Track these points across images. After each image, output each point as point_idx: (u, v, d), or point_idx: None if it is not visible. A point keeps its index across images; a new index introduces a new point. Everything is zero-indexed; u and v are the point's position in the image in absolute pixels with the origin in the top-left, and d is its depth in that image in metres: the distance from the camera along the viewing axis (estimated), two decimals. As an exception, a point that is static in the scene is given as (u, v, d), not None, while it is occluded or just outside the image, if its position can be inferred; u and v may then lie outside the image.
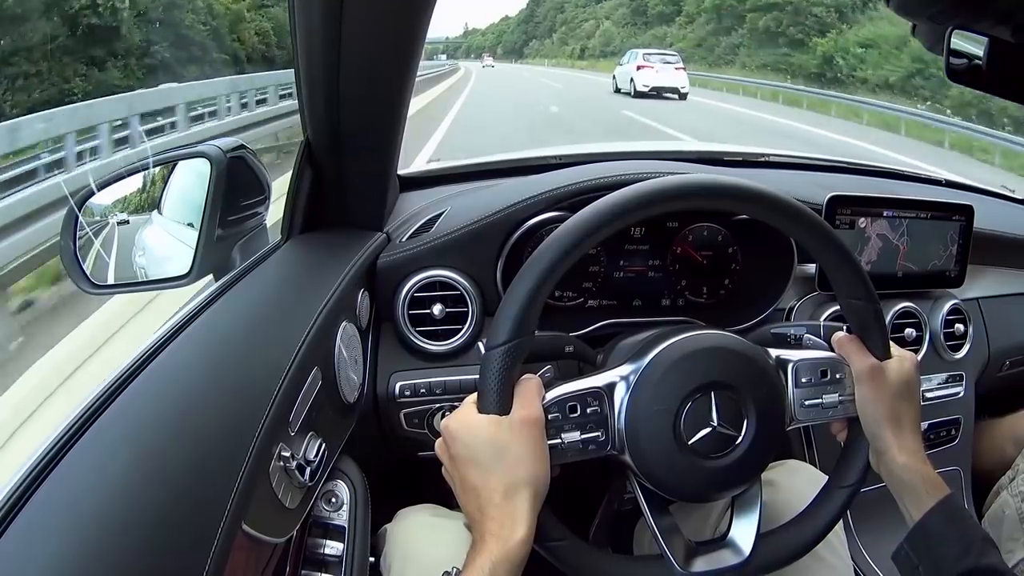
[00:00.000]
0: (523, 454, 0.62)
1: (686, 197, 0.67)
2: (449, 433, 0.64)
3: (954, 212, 1.17)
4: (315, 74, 0.80)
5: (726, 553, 0.69)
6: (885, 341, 0.74)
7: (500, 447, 0.61)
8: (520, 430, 0.62)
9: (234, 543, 0.50)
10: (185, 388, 0.59)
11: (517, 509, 0.60)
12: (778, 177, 1.31)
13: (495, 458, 0.61)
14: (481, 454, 0.62)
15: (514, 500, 0.60)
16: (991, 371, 1.27)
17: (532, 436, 0.62)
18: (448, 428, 0.65)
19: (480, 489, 0.61)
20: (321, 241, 0.96)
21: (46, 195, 4.25)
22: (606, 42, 48.28)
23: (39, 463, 0.48)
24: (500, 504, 0.60)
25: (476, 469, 0.62)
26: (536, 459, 0.62)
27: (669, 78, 17.12)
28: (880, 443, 0.73)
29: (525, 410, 0.63)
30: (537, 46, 71.48)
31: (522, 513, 0.60)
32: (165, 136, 6.82)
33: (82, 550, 0.42)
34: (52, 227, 3.77)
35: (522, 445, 0.62)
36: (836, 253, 0.71)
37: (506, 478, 0.61)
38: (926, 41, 0.79)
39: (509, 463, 0.61)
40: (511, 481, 0.61)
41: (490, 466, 0.61)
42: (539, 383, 0.66)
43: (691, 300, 1.09)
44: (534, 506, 0.61)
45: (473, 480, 0.62)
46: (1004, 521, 1.02)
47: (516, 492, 0.61)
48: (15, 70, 10.61)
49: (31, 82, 10.86)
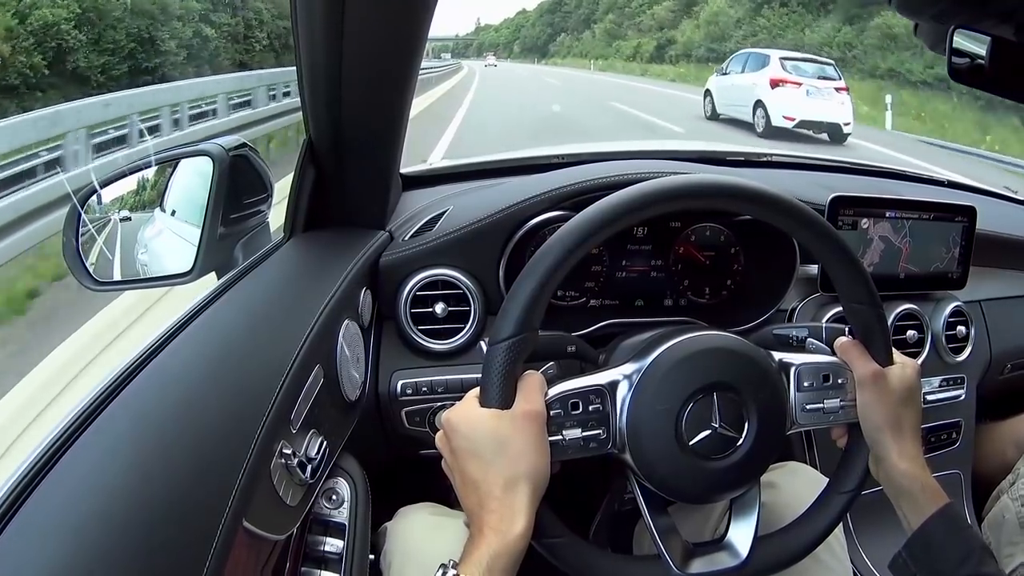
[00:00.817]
0: (524, 448, 0.62)
1: (689, 197, 0.67)
2: (450, 426, 0.64)
3: (956, 213, 1.17)
4: (317, 72, 0.80)
5: (723, 555, 0.69)
6: (888, 346, 0.74)
7: (501, 440, 0.62)
8: (522, 424, 0.62)
9: (235, 540, 0.50)
10: (187, 386, 0.59)
11: (516, 503, 0.60)
12: (780, 177, 1.31)
13: (496, 451, 0.61)
14: (482, 447, 0.62)
15: (514, 494, 0.60)
16: (992, 374, 1.27)
17: (533, 430, 0.62)
18: (449, 421, 0.65)
19: (480, 482, 0.62)
20: (323, 239, 0.96)
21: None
22: (713, 34, 26.68)
23: (38, 461, 0.48)
24: (500, 497, 0.60)
25: (476, 462, 0.62)
26: (537, 453, 0.62)
27: (826, 107, 9.80)
28: (880, 449, 0.72)
29: (527, 404, 0.63)
30: (568, 41, 57.54)
31: (521, 507, 0.60)
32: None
33: (82, 548, 0.42)
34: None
35: (523, 439, 0.62)
36: (838, 255, 0.70)
37: (506, 472, 0.61)
38: (928, 40, 0.79)
39: (510, 457, 0.61)
40: (511, 475, 0.61)
41: (490, 459, 0.61)
42: (542, 379, 0.66)
43: (693, 300, 1.09)
44: (533, 500, 0.62)
45: (473, 473, 0.62)
46: (1004, 525, 1.01)
47: (516, 486, 0.61)
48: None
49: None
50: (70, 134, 4.90)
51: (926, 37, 0.79)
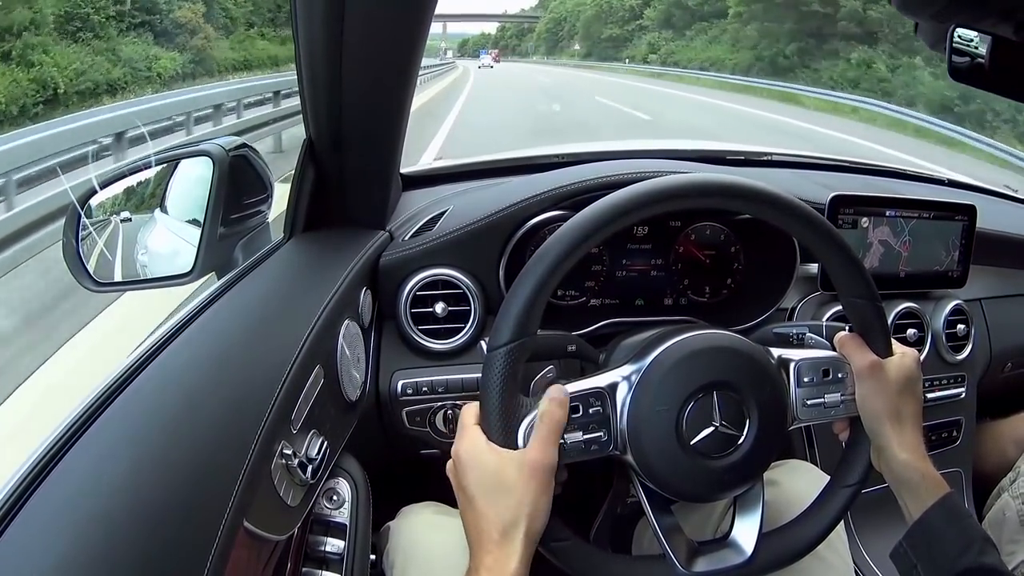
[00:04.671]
0: (528, 498, 0.61)
1: (688, 196, 0.67)
2: (459, 461, 0.64)
3: (957, 212, 1.17)
4: (317, 72, 0.80)
5: (728, 553, 0.69)
6: (887, 339, 0.74)
7: (507, 486, 0.61)
8: (529, 474, 0.61)
9: (235, 540, 0.50)
10: (187, 386, 0.59)
11: (512, 547, 0.60)
12: (780, 176, 1.31)
13: (500, 494, 0.61)
14: (487, 487, 0.62)
15: (512, 539, 0.60)
16: (993, 372, 1.27)
17: (541, 482, 0.61)
18: (458, 456, 0.64)
19: (480, 519, 0.61)
20: (323, 239, 0.96)
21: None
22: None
23: (40, 462, 0.48)
24: (498, 540, 0.60)
25: (480, 499, 0.62)
26: (539, 503, 0.62)
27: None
28: (880, 439, 0.72)
29: (540, 454, 0.62)
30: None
31: (516, 551, 0.60)
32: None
33: (83, 548, 0.42)
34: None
35: (528, 490, 0.61)
36: (837, 252, 0.71)
37: (507, 516, 0.60)
38: (928, 40, 0.79)
39: (513, 502, 0.61)
40: (512, 519, 0.60)
41: (494, 500, 0.61)
42: (562, 419, 0.64)
43: (693, 299, 1.09)
44: (531, 544, 0.61)
45: (476, 507, 0.62)
46: (1005, 523, 1.01)
47: (515, 530, 0.60)
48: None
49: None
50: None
51: (926, 36, 0.78)
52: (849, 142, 10.01)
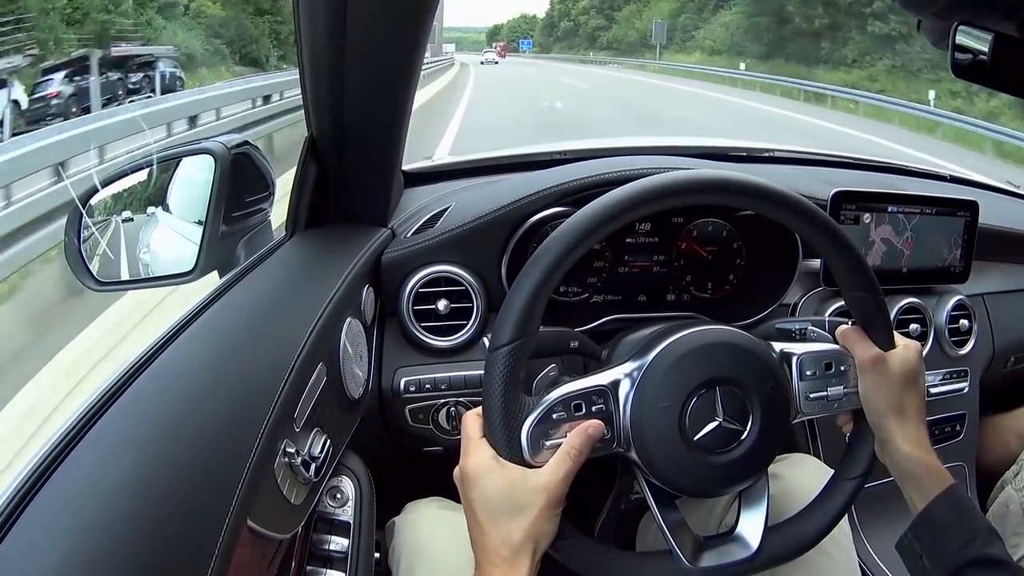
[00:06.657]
0: (537, 522, 0.61)
1: (690, 193, 0.67)
2: (466, 477, 0.63)
3: (959, 208, 1.17)
4: (319, 70, 0.80)
5: (734, 547, 0.69)
6: (889, 332, 0.74)
7: (518, 507, 0.61)
8: (539, 497, 0.61)
9: (239, 539, 0.50)
10: (189, 385, 0.59)
11: (519, 566, 0.60)
12: (783, 172, 1.31)
13: (509, 515, 0.61)
14: (496, 506, 0.61)
15: (519, 559, 0.60)
16: (996, 367, 1.27)
17: (551, 502, 0.61)
18: (465, 473, 0.63)
19: (488, 537, 0.61)
20: (325, 237, 0.96)
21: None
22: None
23: (43, 461, 0.48)
24: (507, 558, 0.60)
25: (488, 517, 0.61)
26: (550, 524, 0.62)
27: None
28: (884, 432, 0.72)
29: (554, 478, 0.61)
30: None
31: (524, 566, 0.60)
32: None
33: (86, 548, 0.42)
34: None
35: (540, 515, 0.61)
36: (839, 247, 0.70)
37: (516, 536, 0.60)
38: (931, 36, 0.79)
39: (522, 526, 0.60)
40: (521, 539, 0.60)
41: (503, 520, 0.61)
42: (589, 444, 0.63)
43: (696, 295, 1.09)
44: (536, 561, 0.61)
45: (484, 525, 0.61)
46: (1008, 516, 1.02)
47: (523, 550, 0.60)
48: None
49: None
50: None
51: (929, 33, 0.78)
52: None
